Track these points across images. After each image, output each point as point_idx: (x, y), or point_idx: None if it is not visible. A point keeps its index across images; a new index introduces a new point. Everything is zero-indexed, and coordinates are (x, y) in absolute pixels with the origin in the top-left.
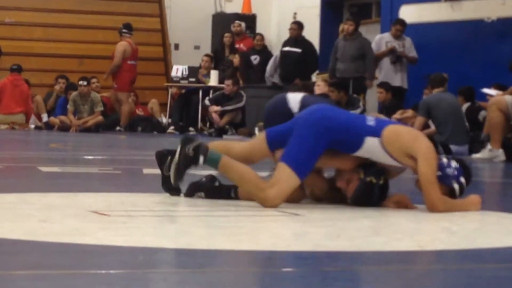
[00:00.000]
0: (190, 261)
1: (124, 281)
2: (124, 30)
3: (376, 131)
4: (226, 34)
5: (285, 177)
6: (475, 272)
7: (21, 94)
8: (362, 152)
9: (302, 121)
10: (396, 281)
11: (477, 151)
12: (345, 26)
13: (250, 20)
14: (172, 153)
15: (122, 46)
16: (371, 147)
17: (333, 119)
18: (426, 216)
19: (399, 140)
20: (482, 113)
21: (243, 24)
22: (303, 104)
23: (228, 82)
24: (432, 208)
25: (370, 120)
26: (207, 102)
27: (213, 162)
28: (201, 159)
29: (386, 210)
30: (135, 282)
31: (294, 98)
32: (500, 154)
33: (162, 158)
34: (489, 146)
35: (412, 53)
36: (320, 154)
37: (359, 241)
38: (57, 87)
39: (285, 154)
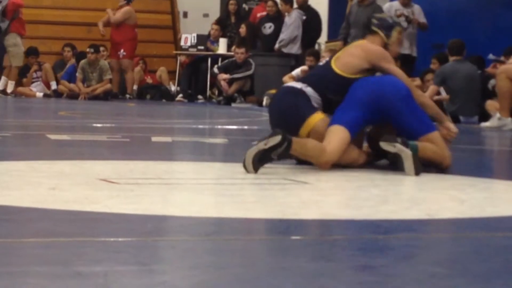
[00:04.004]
0: (198, 229)
1: (132, 249)
2: None
3: None
4: (231, 1)
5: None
6: (483, 241)
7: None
8: None
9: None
10: (404, 250)
11: (486, 120)
12: None
13: None
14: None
15: (130, 11)
16: None
17: None
18: (434, 185)
19: None
20: (492, 82)
21: None
22: None
23: (242, 50)
24: None
25: None
26: (216, 70)
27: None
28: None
29: (394, 179)
30: (143, 249)
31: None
32: (509, 122)
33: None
34: (498, 115)
35: (423, 19)
36: None
37: (367, 209)
38: (67, 54)
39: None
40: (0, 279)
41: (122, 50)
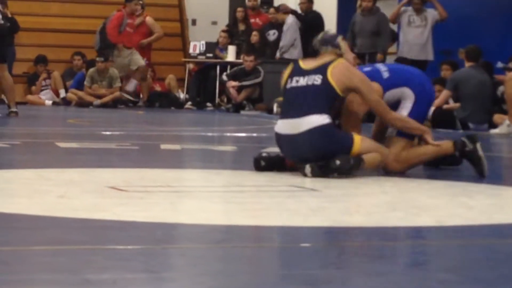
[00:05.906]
0: (207, 237)
1: (141, 257)
2: None
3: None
4: (239, 9)
5: None
6: (492, 247)
7: None
8: None
9: None
10: (413, 256)
11: (495, 127)
12: (363, 3)
13: None
14: None
15: None
16: None
17: None
18: (443, 191)
19: None
20: (501, 89)
21: None
22: None
23: (251, 58)
24: None
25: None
26: (224, 77)
27: None
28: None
29: (403, 186)
30: (152, 257)
31: None
32: None
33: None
34: (507, 122)
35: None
36: None
37: (376, 216)
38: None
39: None
40: (9, 287)
41: (145, 59)
